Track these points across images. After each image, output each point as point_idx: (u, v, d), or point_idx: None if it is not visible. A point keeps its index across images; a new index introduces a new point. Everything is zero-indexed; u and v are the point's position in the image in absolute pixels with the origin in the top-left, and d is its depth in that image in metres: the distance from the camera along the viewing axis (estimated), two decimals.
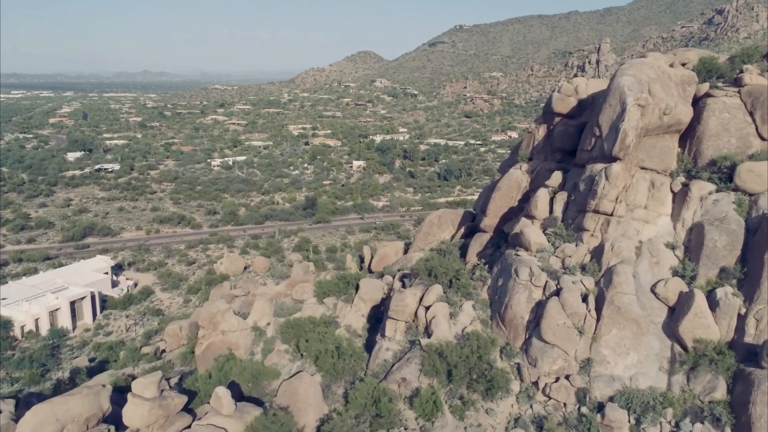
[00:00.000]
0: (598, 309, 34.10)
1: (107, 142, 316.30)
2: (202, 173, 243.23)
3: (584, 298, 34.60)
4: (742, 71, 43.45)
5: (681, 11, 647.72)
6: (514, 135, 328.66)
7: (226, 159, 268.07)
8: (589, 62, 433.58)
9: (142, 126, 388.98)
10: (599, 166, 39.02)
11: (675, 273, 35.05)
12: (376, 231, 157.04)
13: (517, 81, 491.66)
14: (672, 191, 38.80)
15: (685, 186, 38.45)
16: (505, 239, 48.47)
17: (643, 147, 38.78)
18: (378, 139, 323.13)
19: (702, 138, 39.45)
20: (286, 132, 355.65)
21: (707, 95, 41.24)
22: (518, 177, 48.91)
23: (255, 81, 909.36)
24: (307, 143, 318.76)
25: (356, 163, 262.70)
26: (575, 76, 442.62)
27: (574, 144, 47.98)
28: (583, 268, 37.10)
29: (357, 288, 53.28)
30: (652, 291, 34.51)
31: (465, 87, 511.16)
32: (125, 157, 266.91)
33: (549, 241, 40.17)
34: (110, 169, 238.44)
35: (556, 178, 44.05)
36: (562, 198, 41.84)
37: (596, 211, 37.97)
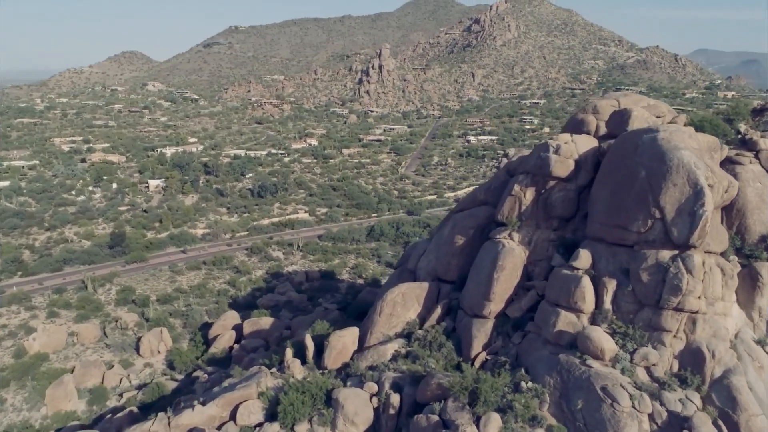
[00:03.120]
0: None
1: None
2: None
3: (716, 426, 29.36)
4: (740, 132, 42.24)
5: (442, 18, 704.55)
6: (314, 142, 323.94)
7: None
8: (373, 67, 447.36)
9: None
10: (666, 253, 34.16)
11: None
12: (207, 267, 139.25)
13: (303, 85, 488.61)
14: None
15: (744, 267, 35.45)
16: (515, 326, 41.83)
17: None
18: (168, 152, 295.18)
19: (744, 211, 36.88)
20: (52, 147, 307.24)
21: (730, 161, 38.97)
22: (519, 253, 42.45)
23: None
24: (84, 160, 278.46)
25: (153, 183, 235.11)
26: (360, 80, 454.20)
27: (574, 210, 43.16)
28: (681, 380, 31.91)
29: (328, 402, 42.40)
30: None
31: (249, 91, 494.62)
32: None
33: (617, 344, 34.34)
34: None
35: (586, 258, 38.43)
36: (612, 287, 36.30)
37: (679, 309, 33.04)
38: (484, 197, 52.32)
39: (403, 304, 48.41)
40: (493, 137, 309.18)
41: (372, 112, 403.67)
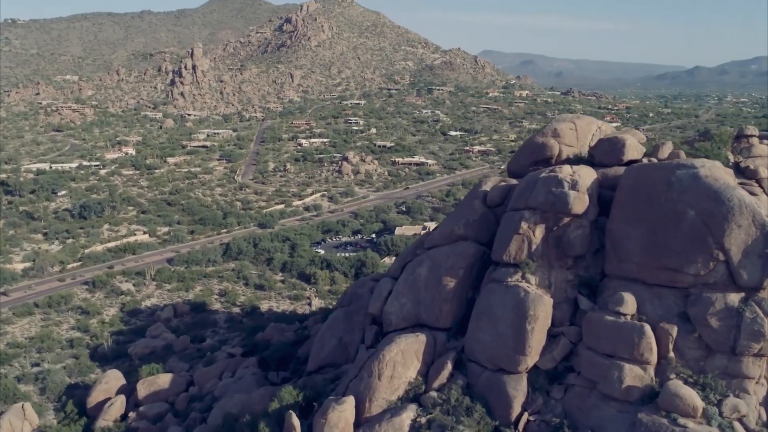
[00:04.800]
0: None
1: None
2: None
3: None
4: (729, 159, 43.32)
5: (251, 17, 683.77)
6: (130, 151, 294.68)
7: None
8: (185, 67, 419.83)
9: None
10: (734, 297, 33.17)
11: None
12: (42, 311, 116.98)
13: (104, 87, 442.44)
14: None
15: None
16: (550, 379, 38.66)
17: None
18: None
19: None
20: None
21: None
22: (548, 299, 39.28)
23: None
24: None
25: None
26: (173, 81, 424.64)
27: (589, 247, 41.17)
28: None
29: None
30: None
31: (38, 93, 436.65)
32: None
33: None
34: None
35: (632, 303, 36.37)
36: (674, 333, 34.55)
37: (760, 355, 32.18)
38: (463, 232, 48.35)
39: (403, 363, 42.78)
40: (324, 139, 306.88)
41: (189, 115, 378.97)
